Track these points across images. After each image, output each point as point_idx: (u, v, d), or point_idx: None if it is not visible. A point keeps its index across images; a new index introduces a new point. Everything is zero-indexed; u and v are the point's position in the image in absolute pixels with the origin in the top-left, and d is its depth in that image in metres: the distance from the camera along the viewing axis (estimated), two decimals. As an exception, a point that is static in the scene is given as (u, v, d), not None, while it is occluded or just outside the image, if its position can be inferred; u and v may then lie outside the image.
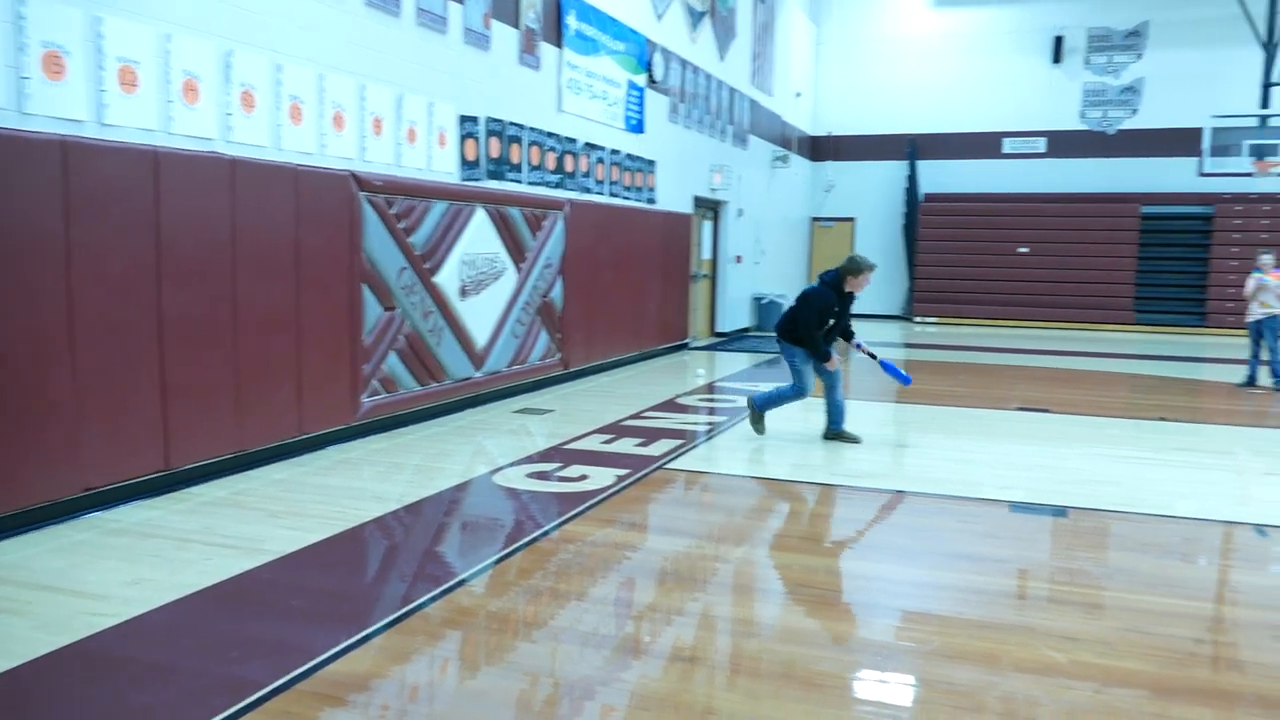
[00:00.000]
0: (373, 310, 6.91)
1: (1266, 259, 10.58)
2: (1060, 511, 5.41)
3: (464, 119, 7.98)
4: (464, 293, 7.96)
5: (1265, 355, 10.51)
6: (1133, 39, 18.46)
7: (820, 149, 20.51)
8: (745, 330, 16.03)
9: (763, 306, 16.31)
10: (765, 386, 8.29)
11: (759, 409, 7.27)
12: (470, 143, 8.09)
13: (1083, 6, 18.60)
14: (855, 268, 6.90)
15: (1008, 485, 5.99)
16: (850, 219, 20.56)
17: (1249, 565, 4.75)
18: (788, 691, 3.18)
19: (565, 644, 3.53)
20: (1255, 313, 10.46)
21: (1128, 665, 3.41)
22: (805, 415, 7.86)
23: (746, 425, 7.81)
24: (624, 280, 11.09)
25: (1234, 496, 5.99)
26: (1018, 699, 3.15)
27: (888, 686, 3.28)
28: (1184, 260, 18.09)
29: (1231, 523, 5.31)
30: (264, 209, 5.91)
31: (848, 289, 6.94)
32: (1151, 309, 18.14)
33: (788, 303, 18.07)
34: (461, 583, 4.12)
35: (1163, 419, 8.61)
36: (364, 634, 3.54)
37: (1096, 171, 18.76)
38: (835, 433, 7.18)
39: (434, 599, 3.92)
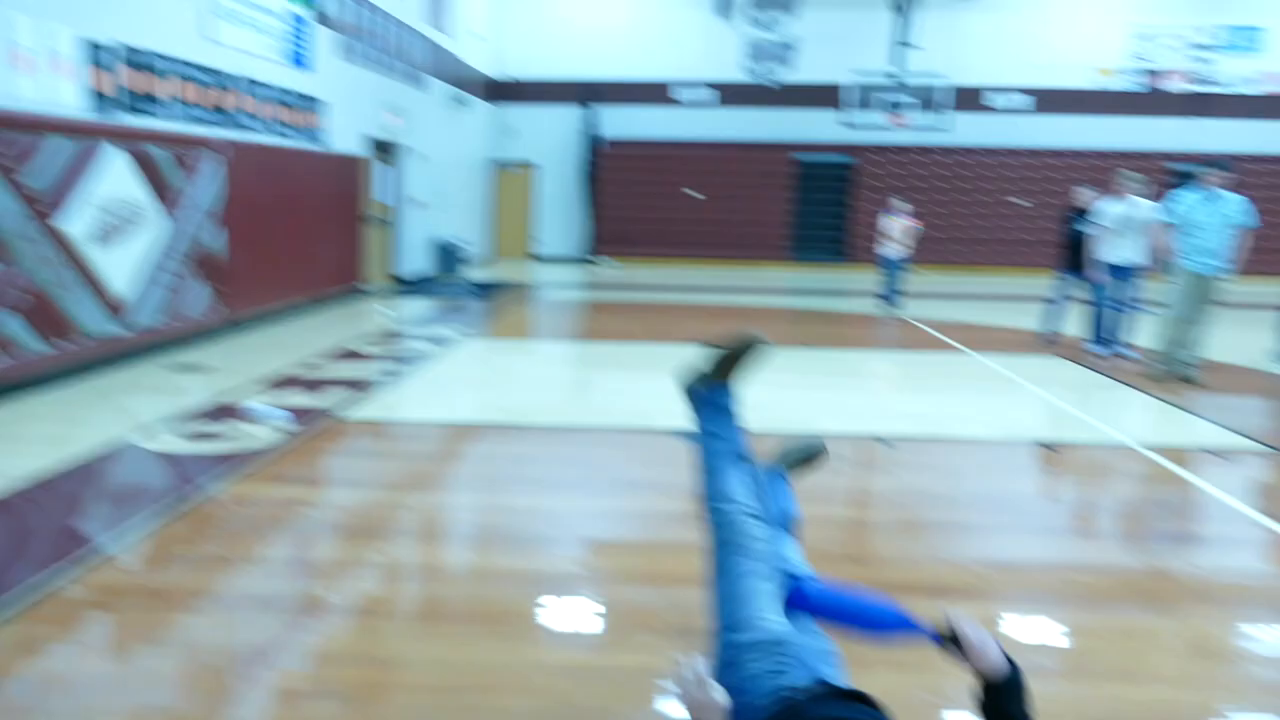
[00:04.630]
0: (-16, 262, 6.00)
1: (897, 203, 12.35)
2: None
3: (90, 45, 7.05)
4: (100, 240, 7.11)
5: (897, 285, 12.25)
6: (786, -3, 19.88)
7: (501, 92, 20.34)
8: (427, 276, 15.72)
9: (445, 252, 16.05)
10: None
11: None
12: (99, 72, 7.18)
13: (741, -37, 19.74)
14: None
15: (674, 414, 6.35)
16: (533, 163, 20.66)
17: (881, 472, 5.41)
18: (478, 631, 3.20)
19: (239, 612, 3.32)
20: (887, 249, 12.14)
21: (776, 568, 3.77)
22: (486, 356, 7.85)
23: (430, 369, 7.71)
24: (293, 225, 10.44)
25: (867, 413, 6.78)
26: (678, 610, 3.37)
27: (571, 615, 3.40)
28: (831, 204, 20.06)
29: (865, 436, 6.00)
30: None
31: None
32: (804, 247, 19.98)
33: (474, 249, 18.10)
34: (109, 559, 3.74)
35: (809, 346, 9.53)
36: (-17, 628, 3.12)
37: (759, 121, 20.13)
38: None
39: (73, 580, 3.52)
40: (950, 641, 1.91)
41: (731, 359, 2.68)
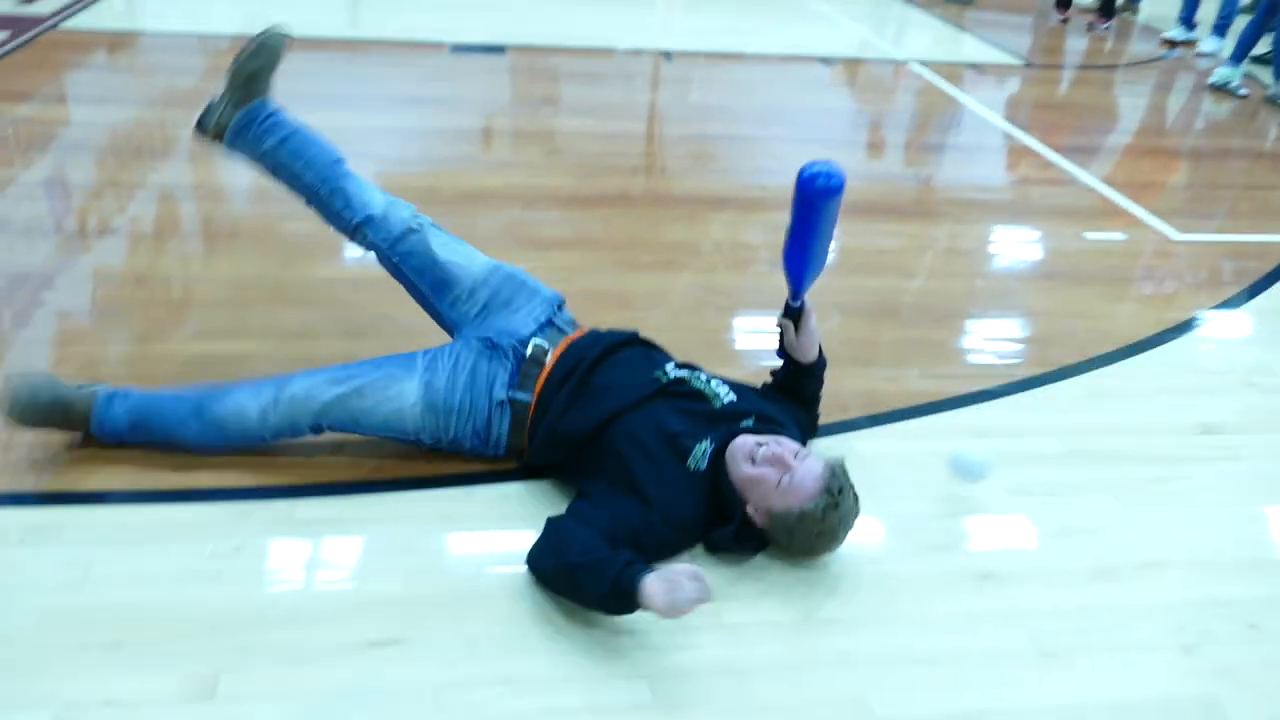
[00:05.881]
0: None
1: None
2: (498, 49, 5.56)
3: None
4: None
5: None
6: None
7: None
8: None
9: None
10: None
11: None
12: None
13: None
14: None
15: (445, 29, 5.92)
16: None
17: (668, 87, 5.40)
18: (265, 248, 3.12)
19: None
20: None
21: (550, 181, 3.81)
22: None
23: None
24: None
25: (653, 28, 6.63)
26: (461, 221, 3.39)
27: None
28: None
29: (651, 51, 5.90)
30: None
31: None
32: None
33: None
34: None
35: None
36: None
37: None
38: None
39: None
40: (790, 317, 2.11)
41: (251, 71, 2.44)
